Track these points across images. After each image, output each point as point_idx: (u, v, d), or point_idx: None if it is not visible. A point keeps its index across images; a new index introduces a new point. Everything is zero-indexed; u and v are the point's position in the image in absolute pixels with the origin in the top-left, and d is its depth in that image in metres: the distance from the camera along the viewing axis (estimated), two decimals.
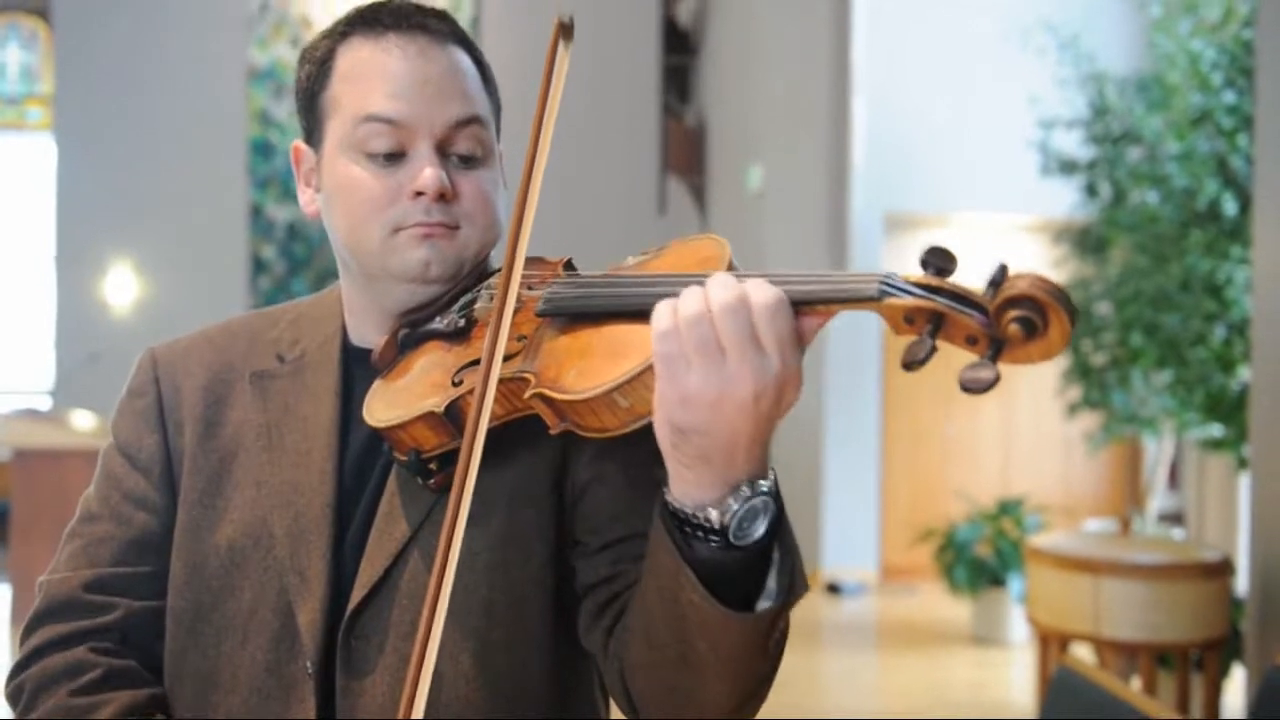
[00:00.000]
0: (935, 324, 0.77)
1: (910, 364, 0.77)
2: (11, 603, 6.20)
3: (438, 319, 1.05)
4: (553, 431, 0.91)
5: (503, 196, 1.09)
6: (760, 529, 0.84)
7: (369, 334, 1.10)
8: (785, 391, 0.81)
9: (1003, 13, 6.75)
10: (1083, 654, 3.70)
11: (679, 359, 0.80)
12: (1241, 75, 4.91)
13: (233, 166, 9.95)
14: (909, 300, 0.77)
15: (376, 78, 1.03)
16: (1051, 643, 3.66)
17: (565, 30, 0.98)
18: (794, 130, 7.66)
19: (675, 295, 0.82)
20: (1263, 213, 3.39)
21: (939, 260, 0.78)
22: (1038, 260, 7.35)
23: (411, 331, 1.06)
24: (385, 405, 1.00)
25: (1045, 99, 5.73)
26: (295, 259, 10.03)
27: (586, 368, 0.89)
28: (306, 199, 1.11)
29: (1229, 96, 4.98)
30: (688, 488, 0.83)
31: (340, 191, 1.05)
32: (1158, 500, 6.01)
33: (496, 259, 1.07)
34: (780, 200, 7.75)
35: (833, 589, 7.02)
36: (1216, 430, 5.08)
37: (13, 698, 1.07)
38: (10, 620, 6.17)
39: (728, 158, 8.64)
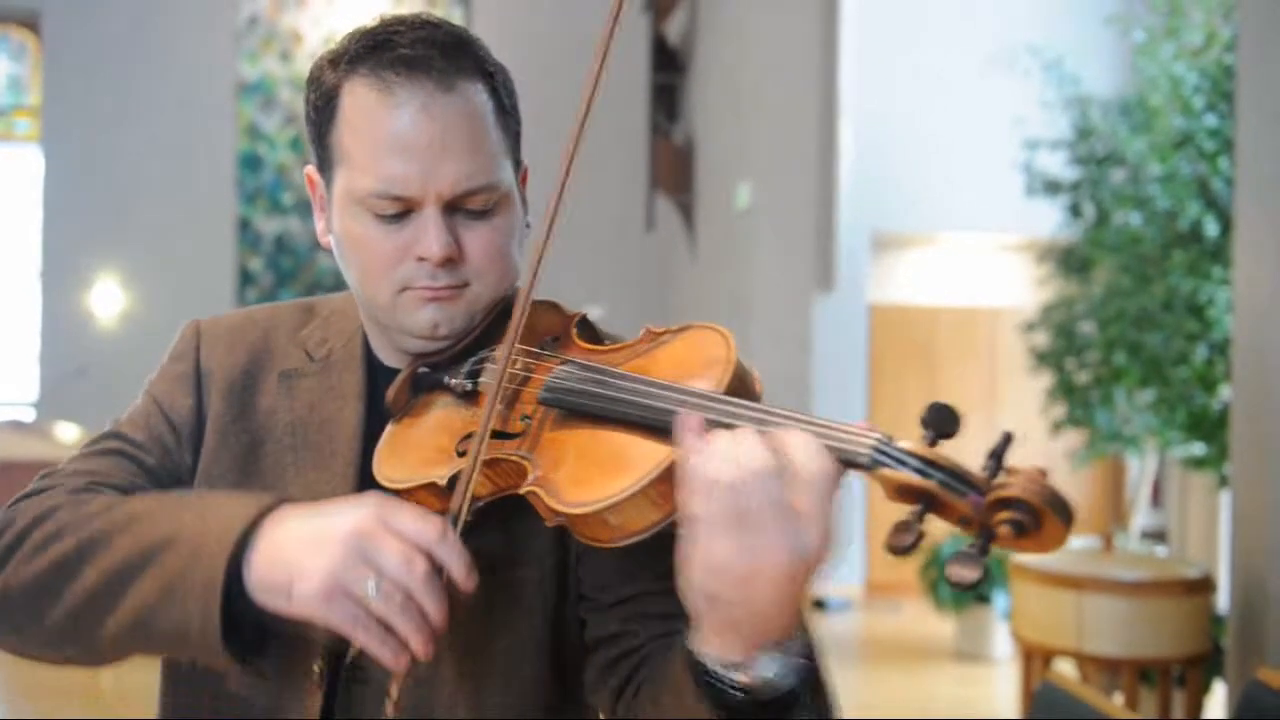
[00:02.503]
0: (927, 504, 0.74)
1: (895, 550, 0.73)
2: None
3: (448, 376, 1.02)
4: (548, 524, 0.88)
5: (520, 234, 1.06)
6: (788, 684, 0.80)
7: (387, 355, 1.11)
8: (822, 557, 0.76)
9: (989, 35, 6.83)
10: (1066, 669, 3.73)
11: (707, 525, 0.75)
12: (1223, 99, 4.99)
13: (221, 179, 9.95)
14: (902, 475, 0.74)
15: (382, 140, 0.98)
16: (1035, 658, 3.69)
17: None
18: (782, 149, 7.71)
19: (679, 413, 0.79)
20: (1243, 234, 3.44)
21: (940, 423, 0.75)
22: (1022, 279, 7.42)
23: (427, 373, 1.04)
24: (392, 464, 0.99)
25: (1030, 120, 5.80)
26: (283, 271, 10.02)
27: (582, 476, 0.86)
28: (321, 229, 1.08)
29: (1211, 120, 5.06)
30: (714, 649, 0.80)
31: (349, 244, 1.03)
32: (1141, 517, 6.06)
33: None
34: (768, 219, 7.79)
35: (818, 605, 7.04)
36: (1198, 448, 5.13)
37: (12, 540, 0.98)
38: None
39: (716, 176, 8.68)
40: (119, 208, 9.78)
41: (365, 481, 1.05)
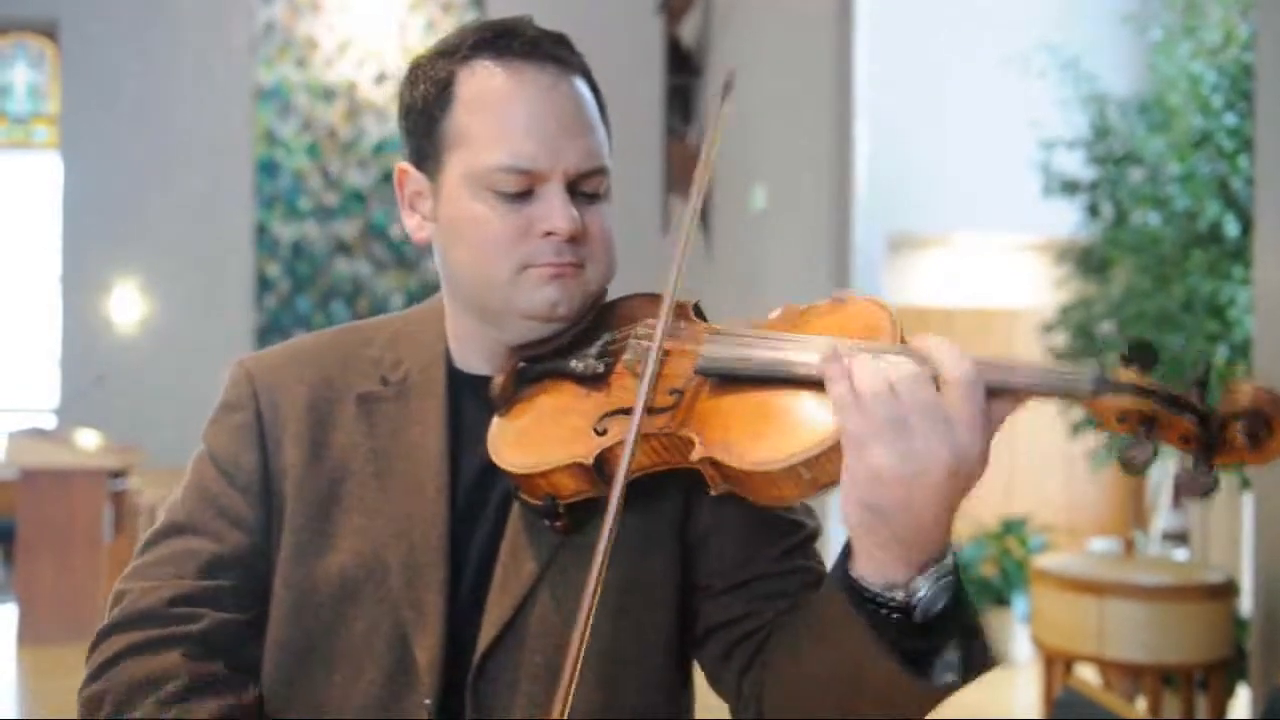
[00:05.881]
0: (1149, 425, 0.78)
1: (1130, 466, 0.78)
2: (18, 621, 6.19)
3: (573, 360, 1.01)
4: (713, 492, 0.89)
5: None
6: (941, 604, 0.83)
7: (475, 361, 1.08)
8: (978, 468, 0.80)
9: (1005, 34, 6.79)
10: (1087, 675, 3.71)
11: (868, 436, 0.78)
12: (1242, 98, 4.95)
13: (238, 186, 9.99)
14: (1124, 400, 0.78)
15: (510, 116, 0.99)
16: (1056, 663, 3.67)
17: (726, 88, 1.00)
18: (796, 150, 7.70)
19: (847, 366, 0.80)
20: (1263, 234, 3.41)
21: (1142, 356, 0.79)
22: (1039, 279, 7.38)
23: (530, 366, 1.03)
24: (517, 450, 0.97)
25: (1047, 120, 5.77)
26: (300, 277, 10.06)
27: (762, 434, 0.86)
28: (415, 224, 1.07)
29: (1230, 119, 5.02)
30: (877, 566, 0.82)
31: (465, 226, 1.02)
32: (1161, 519, 6.02)
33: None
34: (783, 220, 7.78)
35: None
36: None
37: (91, 706, 1.00)
38: (17, 639, 6.16)
39: (730, 178, 8.67)
40: (137, 214, 9.84)
41: (456, 509, 1.04)
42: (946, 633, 0.84)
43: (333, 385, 1.09)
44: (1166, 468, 6.04)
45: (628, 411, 0.91)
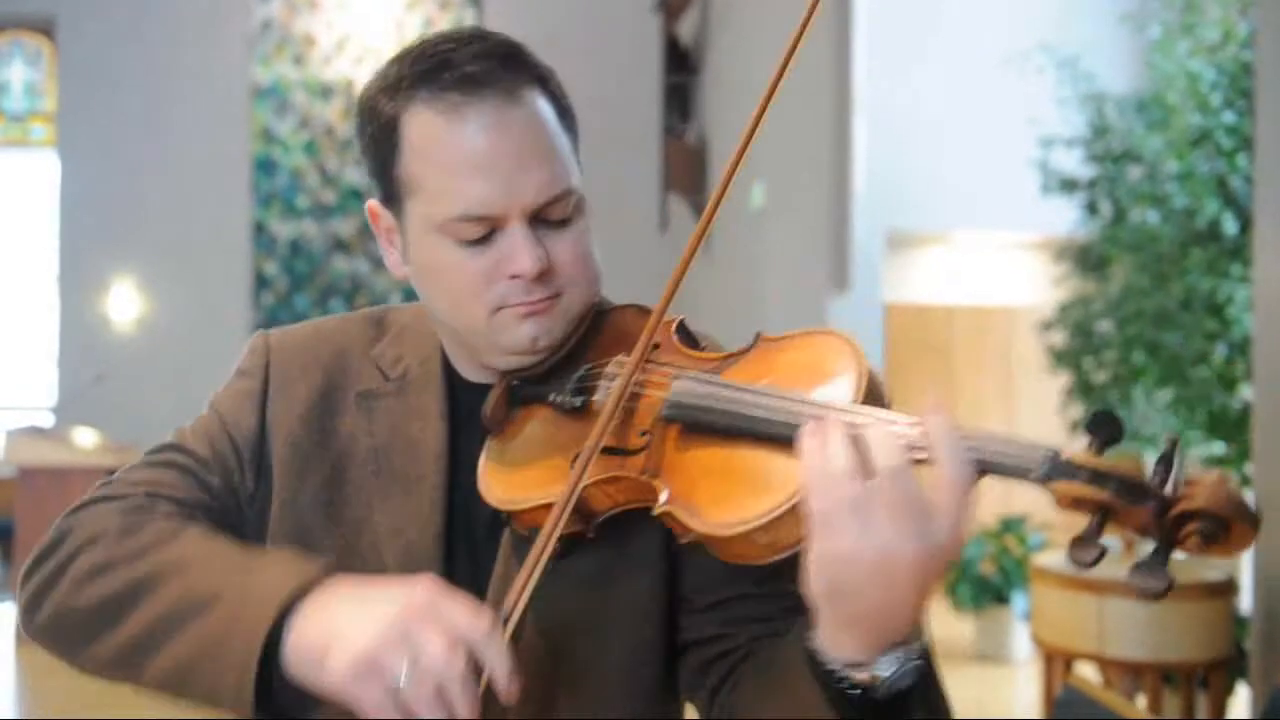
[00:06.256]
0: (1104, 514, 0.73)
1: (1081, 565, 0.74)
2: (16, 620, 6.19)
3: (552, 394, 0.99)
4: (681, 541, 0.87)
5: (595, 240, 1.05)
6: (906, 685, 0.80)
7: (469, 371, 1.08)
8: (951, 553, 0.76)
9: (1003, 33, 6.79)
10: (1087, 673, 3.71)
11: (833, 516, 0.75)
12: (1240, 96, 4.95)
13: (236, 183, 9.99)
14: (1075, 487, 0.73)
15: (456, 163, 0.94)
16: (1056, 662, 3.67)
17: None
18: (795, 148, 7.69)
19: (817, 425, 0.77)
20: (1263, 232, 3.41)
21: (1106, 430, 0.75)
22: (1038, 277, 7.38)
23: (521, 386, 1.02)
24: (503, 485, 0.97)
25: (1045, 118, 5.77)
26: (298, 275, 10.05)
27: (723, 495, 0.84)
28: (394, 261, 1.05)
29: (1228, 117, 5.02)
30: (837, 648, 0.79)
31: (433, 272, 0.99)
32: None
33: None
34: (782, 218, 7.78)
35: None
36: (1218, 448, 5.10)
37: (46, 553, 0.98)
38: (15, 637, 6.16)
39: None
40: (134, 212, 9.83)
41: (452, 503, 1.04)
42: (908, 710, 0.81)
43: (343, 372, 1.09)
44: None
45: (604, 451, 0.90)
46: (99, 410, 8.76)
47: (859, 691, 0.79)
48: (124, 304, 9.83)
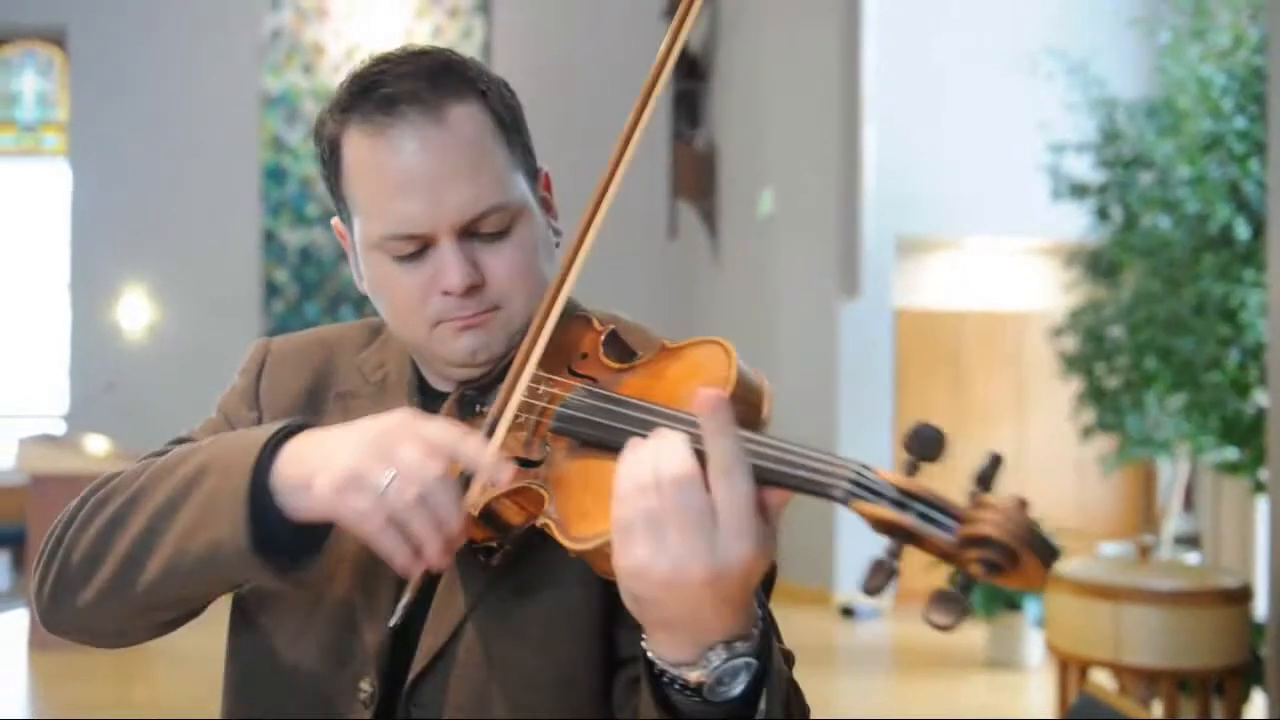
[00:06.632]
0: (904, 538, 0.70)
1: (869, 591, 0.69)
2: (30, 626, 6.21)
3: (482, 404, 1.02)
4: (571, 556, 0.86)
5: (547, 245, 1.05)
6: (739, 688, 0.78)
7: (435, 379, 1.11)
8: (750, 572, 0.74)
9: (1013, 38, 6.79)
10: (1102, 680, 3.70)
11: (625, 528, 0.75)
12: (1252, 101, 4.94)
13: (246, 192, 10.03)
14: (878, 509, 0.69)
15: (381, 184, 0.98)
16: (1071, 669, 3.65)
17: None
18: (804, 154, 7.70)
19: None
20: (1275, 237, 3.40)
21: (922, 447, 0.71)
22: (1049, 283, 7.37)
23: (473, 394, 1.04)
24: None
25: (1055, 123, 5.76)
26: (308, 283, 10.08)
27: (586, 509, 0.83)
28: (356, 276, 1.09)
29: (1240, 122, 5.01)
30: (660, 648, 0.80)
31: (379, 288, 1.04)
32: (1173, 523, 6.00)
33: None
34: (791, 224, 7.78)
35: (847, 612, 7.00)
36: (1232, 454, 5.08)
37: (54, 528, 1.00)
38: (28, 644, 6.17)
39: (738, 182, 8.68)
40: (146, 221, 9.87)
41: None
42: (755, 707, 0.79)
43: (331, 375, 1.14)
44: (1177, 470, 6.03)
45: (516, 460, 0.91)
46: (110, 418, 8.78)
47: (693, 694, 0.79)
48: (135, 312, 9.86)
